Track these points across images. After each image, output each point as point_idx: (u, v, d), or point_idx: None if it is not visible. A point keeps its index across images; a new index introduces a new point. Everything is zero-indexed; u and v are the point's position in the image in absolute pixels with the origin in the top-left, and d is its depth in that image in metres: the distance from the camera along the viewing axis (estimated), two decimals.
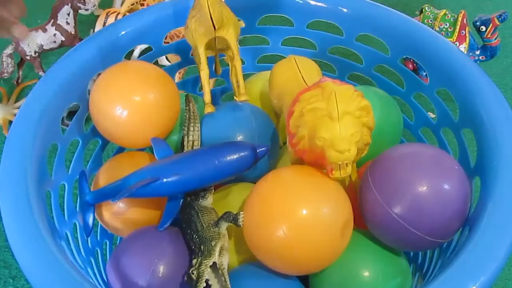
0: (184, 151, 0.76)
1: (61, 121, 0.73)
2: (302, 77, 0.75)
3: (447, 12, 1.17)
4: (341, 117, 0.60)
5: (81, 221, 0.74)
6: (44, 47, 1.22)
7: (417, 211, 0.61)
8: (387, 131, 0.79)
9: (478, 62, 1.16)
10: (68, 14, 1.20)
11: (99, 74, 0.79)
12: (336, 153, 0.60)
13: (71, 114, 0.79)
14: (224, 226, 0.66)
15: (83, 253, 0.75)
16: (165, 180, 0.66)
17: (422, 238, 0.62)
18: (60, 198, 0.72)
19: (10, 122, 1.21)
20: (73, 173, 0.77)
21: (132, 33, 0.83)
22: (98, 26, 1.28)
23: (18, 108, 1.23)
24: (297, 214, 0.61)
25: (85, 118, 0.79)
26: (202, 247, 0.64)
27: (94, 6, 1.22)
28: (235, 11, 0.79)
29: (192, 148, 0.76)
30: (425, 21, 1.19)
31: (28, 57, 1.22)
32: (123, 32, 0.82)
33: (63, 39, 1.22)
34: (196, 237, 0.66)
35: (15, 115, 1.19)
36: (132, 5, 1.29)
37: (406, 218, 0.62)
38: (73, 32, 1.23)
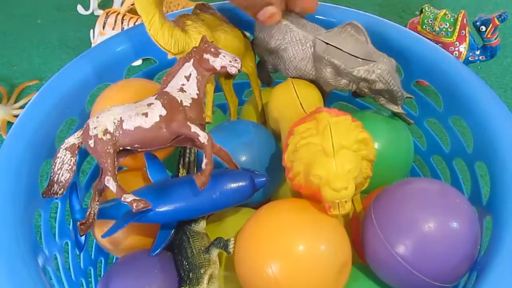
0: (179, 172, 0.74)
1: None
2: (300, 103, 0.72)
3: (447, 12, 1.15)
4: (336, 152, 0.57)
5: (73, 237, 0.72)
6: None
7: (421, 253, 0.58)
8: (396, 157, 0.76)
9: (478, 62, 1.14)
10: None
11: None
12: (332, 192, 0.57)
13: None
14: (214, 252, 0.64)
15: (73, 276, 0.73)
16: (157, 210, 0.63)
17: (425, 282, 0.59)
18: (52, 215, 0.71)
19: (9, 123, 1.19)
20: (68, 191, 0.75)
21: (137, 45, 0.81)
22: (98, 27, 1.27)
23: (18, 108, 1.23)
24: (288, 253, 0.58)
25: None
26: (190, 275, 0.63)
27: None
28: (242, 22, 0.78)
29: (188, 170, 0.74)
30: (425, 21, 1.17)
31: None
32: (125, 45, 0.80)
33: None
34: (186, 263, 0.64)
35: (14, 116, 1.21)
36: (132, 5, 1.28)
37: (409, 260, 0.58)
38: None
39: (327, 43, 0.72)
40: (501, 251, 0.55)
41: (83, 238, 0.70)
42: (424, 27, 1.17)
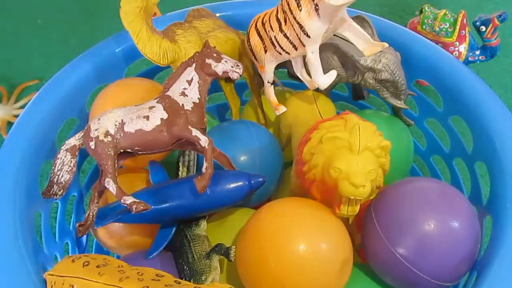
0: (179, 171, 0.74)
1: None
2: (319, 111, 0.74)
3: (447, 12, 1.15)
4: (361, 151, 0.59)
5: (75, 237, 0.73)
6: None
7: (422, 252, 0.58)
8: (396, 157, 0.73)
9: (478, 62, 1.14)
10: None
11: None
12: (351, 187, 0.58)
13: None
14: (215, 258, 0.64)
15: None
16: (153, 207, 0.63)
17: (426, 280, 0.59)
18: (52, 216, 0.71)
19: (9, 123, 1.19)
20: (68, 191, 0.75)
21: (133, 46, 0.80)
22: None
23: (18, 108, 1.22)
24: (290, 251, 0.58)
25: None
26: (192, 281, 0.62)
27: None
28: (242, 23, 0.79)
29: (188, 168, 0.74)
30: (425, 21, 1.17)
31: None
32: (125, 45, 0.80)
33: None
34: (187, 268, 0.64)
35: (14, 116, 1.20)
36: None
37: (410, 259, 0.58)
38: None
39: (334, 35, 0.72)
40: (501, 251, 0.55)
41: (84, 239, 0.71)
42: (424, 27, 1.17)
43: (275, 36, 0.68)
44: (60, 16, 1.56)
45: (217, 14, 0.82)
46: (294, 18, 0.64)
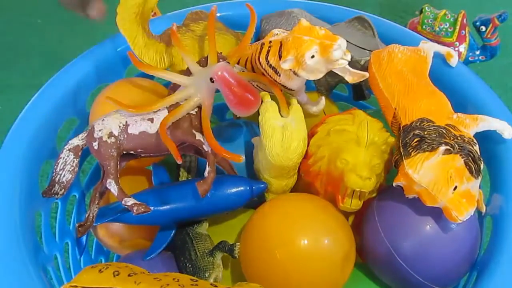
0: (180, 172, 0.74)
1: None
2: (323, 111, 0.75)
3: (447, 12, 1.15)
4: (368, 145, 0.60)
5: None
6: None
7: (420, 255, 0.58)
8: None
9: (478, 62, 1.14)
10: None
11: None
12: (357, 178, 0.59)
13: None
14: (219, 256, 0.64)
15: (73, 276, 0.72)
16: (154, 209, 0.63)
17: (425, 285, 0.59)
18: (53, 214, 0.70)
19: None
20: (68, 191, 0.75)
21: None
22: None
23: None
24: (297, 243, 0.59)
25: None
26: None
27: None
28: (242, 23, 0.78)
29: (190, 169, 0.74)
30: (425, 21, 1.17)
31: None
32: (125, 45, 0.77)
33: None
34: (190, 266, 0.64)
35: None
36: None
37: (408, 261, 0.59)
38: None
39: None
40: (501, 251, 0.56)
41: (83, 239, 0.71)
42: (424, 27, 1.17)
43: (257, 85, 0.69)
44: (60, 16, 1.56)
45: (217, 14, 0.82)
46: (275, 80, 0.65)
